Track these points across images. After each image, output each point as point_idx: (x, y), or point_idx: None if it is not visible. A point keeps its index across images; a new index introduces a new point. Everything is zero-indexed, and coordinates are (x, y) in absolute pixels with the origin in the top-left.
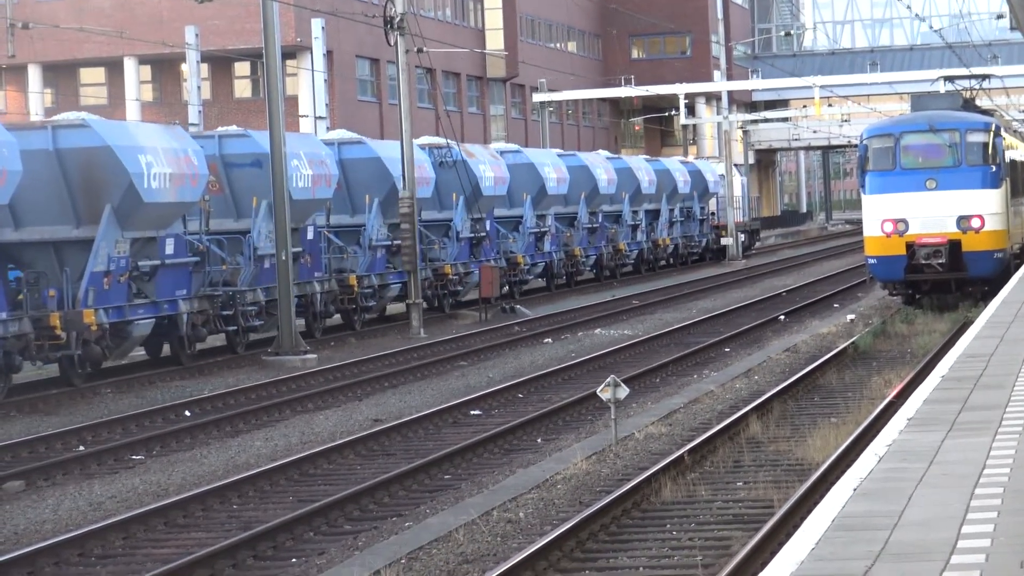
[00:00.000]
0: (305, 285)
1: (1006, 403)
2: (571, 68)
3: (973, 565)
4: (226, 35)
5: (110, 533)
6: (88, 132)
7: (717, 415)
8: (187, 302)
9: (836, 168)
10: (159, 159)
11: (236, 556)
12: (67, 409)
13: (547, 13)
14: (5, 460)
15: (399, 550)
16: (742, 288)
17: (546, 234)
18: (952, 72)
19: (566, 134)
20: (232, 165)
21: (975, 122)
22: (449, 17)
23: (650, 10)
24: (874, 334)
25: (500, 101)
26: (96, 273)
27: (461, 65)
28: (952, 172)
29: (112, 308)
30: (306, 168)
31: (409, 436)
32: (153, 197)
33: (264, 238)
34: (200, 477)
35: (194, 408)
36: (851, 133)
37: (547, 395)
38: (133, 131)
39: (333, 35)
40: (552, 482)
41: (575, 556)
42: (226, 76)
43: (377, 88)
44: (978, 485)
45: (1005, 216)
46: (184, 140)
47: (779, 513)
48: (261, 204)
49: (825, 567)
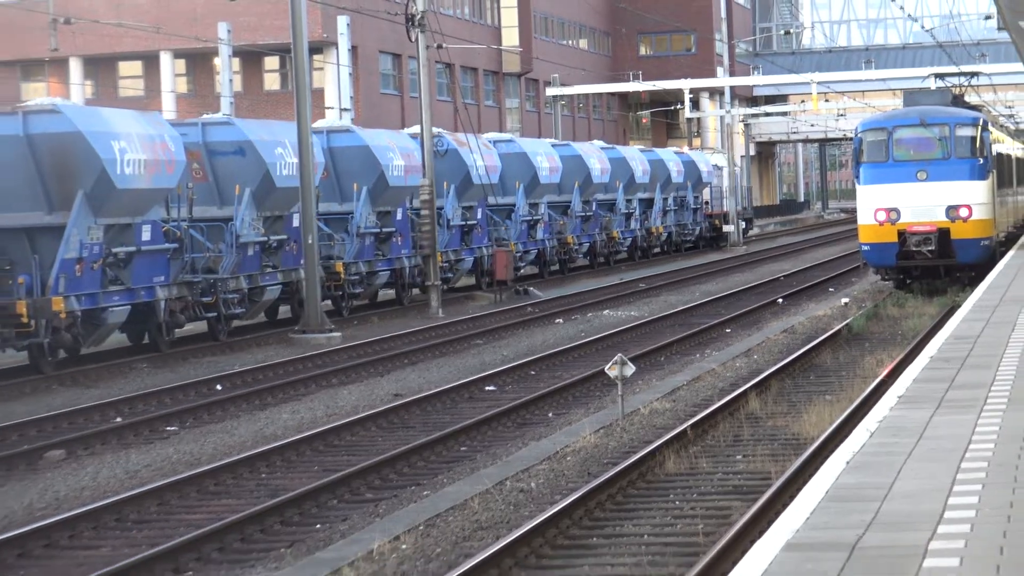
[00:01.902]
0: (291, 272)
1: (991, 382)
2: (582, 64)
3: (959, 535)
4: (256, 31)
5: (146, 500)
6: (59, 118)
7: (718, 392)
8: (165, 288)
9: (832, 160)
10: (133, 145)
11: (264, 522)
12: (105, 383)
13: (560, 11)
14: (47, 431)
15: (418, 517)
16: (742, 273)
17: (539, 222)
18: (942, 70)
19: (577, 126)
20: (216, 153)
21: (964, 117)
22: (467, 15)
23: (657, 9)
24: (867, 317)
25: (515, 95)
26: (67, 260)
27: (478, 60)
28: (942, 164)
29: (85, 295)
30: (291, 156)
31: (428, 410)
32: (127, 183)
33: (247, 225)
34: (230, 447)
35: (225, 382)
36: (847, 127)
37: (558, 372)
38: (106, 117)
39: (358, 31)
40: (562, 454)
41: (583, 524)
42: (256, 70)
43: (399, 82)
44: (964, 459)
45: (991, 206)
46: (160, 126)
47: (776, 484)
48: (244, 191)
49: (819, 535)
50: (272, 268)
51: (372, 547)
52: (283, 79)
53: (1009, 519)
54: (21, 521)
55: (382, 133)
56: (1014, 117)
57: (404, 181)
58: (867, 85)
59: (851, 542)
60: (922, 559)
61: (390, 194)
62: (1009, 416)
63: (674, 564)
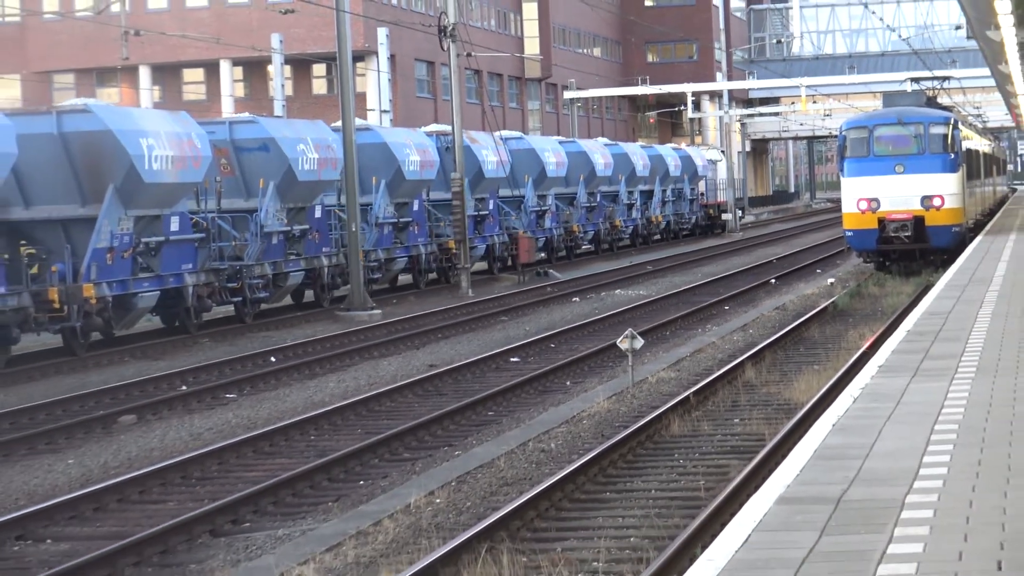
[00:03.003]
0: (313, 259)
1: (961, 353)
2: (596, 70)
3: (932, 489)
4: (306, 41)
5: (207, 459)
6: (90, 117)
7: (718, 363)
8: (193, 275)
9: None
10: (161, 142)
11: (313, 479)
12: (172, 356)
13: (576, 23)
14: (119, 398)
15: (450, 474)
16: (739, 256)
17: (546, 212)
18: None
19: (592, 126)
20: (242, 149)
21: (937, 116)
22: (493, 26)
23: (663, 21)
24: (850, 295)
25: (536, 98)
26: (99, 249)
27: (503, 67)
28: (917, 159)
29: (116, 282)
30: (312, 152)
31: (459, 379)
32: (154, 178)
33: (271, 216)
34: (283, 412)
35: (278, 355)
36: (832, 125)
37: (575, 345)
38: (135, 116)
39: (396, 41)
40: (579, 418)
41: (598, 480)
42: (305, 76)
43: (432, 86)
44: (937, 422)
45: (962, 196)
46: (187, 125)
47: (769, 445)
48: (268, 185)
49: (808, 490)
50: (296, 255)
51: (409, 501)
52: (329, 84)
53: (977, 475)
54: (97, 478)
55: (399, 131)
56: (981, 116)
57: (420, 175)
58: (850, 88)
59: (836, 496)
60: (900, 511)
61: (407, 187)
62: (977, 384)
63: (679, 516)
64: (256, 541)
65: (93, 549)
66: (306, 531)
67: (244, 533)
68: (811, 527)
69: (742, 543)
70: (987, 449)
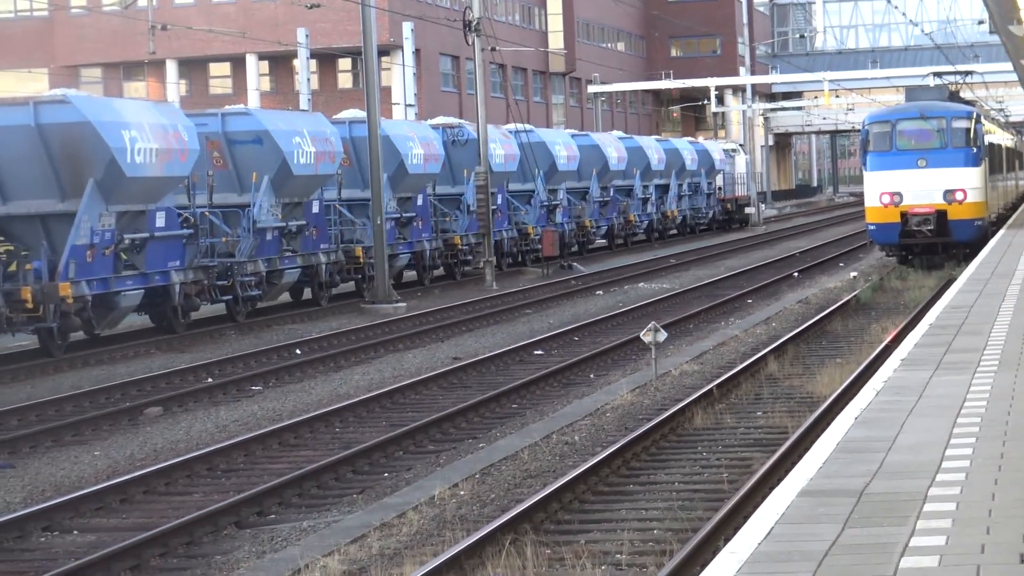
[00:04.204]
0: (310, 256)
1: (984, 346)
2: (620, 64)
3: (955, 482)
4: (331, 35)
5: (233, 451)
6: (69, 108)
7: (741, 356)
8: (180, 273)
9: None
10: (144, 135)
11: (338, 471)
12: (197, 347)
13: (600, 18)
14: (146, 390)
15: (474, 467)
16: (762, 249)
17: (557, 207)
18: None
19: (615, 120)
20: (235, 142)
21: (959, 111)
22: (518, 21)
23: (687, 16)
24: (873, 289)
25: (560, 92)
26: (78, 246)
27: (527, 61)
28: (939, 153)
29: (96, 280)
30: (308, 145)
31: (483, 372)
32: (137, 172)
33: (265, 211)
34: (308, 405)
35: (303, 347)
36: (855, 120)
37: (598, 338)
38: (117, 107)
39: (421, 36)
40: (602, 411)
41: (621, 472)
42: (331, 70)
43: (457, 81)
44: (959, 415)
45: (984, 190)
46: (174, 116)
47: (792, 438)
48: (262, 179)
49: (831, 483)
50: (292, 252)
51: (434, 493)
52: (355, 78)
53: (1000, 468)
54: (123, 470)
55: (401, 123)
56: (1004, 111)
57: (424, 169)
58: (873, 83)
59: (859, 489)
60: (922, 504)
61: (410, 181)
62: (1000, 377)
63: (702, 508)
64: (281, 533)
65: (119, 540)
66: (331, 523)
67: (269, 525)
68: (834, 520)
69: (765, 536)
70: (1009, 442)
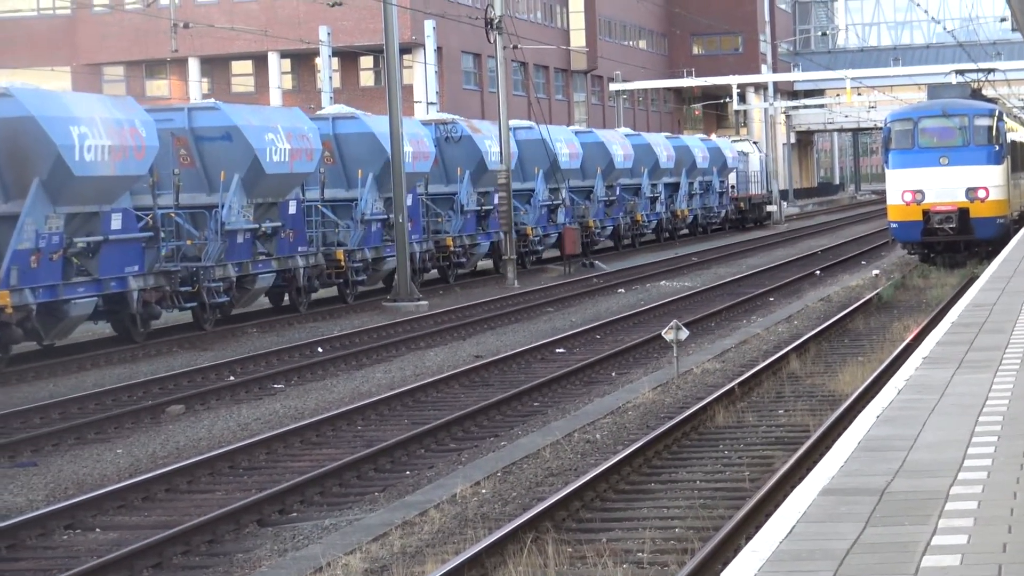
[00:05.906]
0: (287, 260)
1: (1006, 345)
2: (641, 62)
3: (976, 481)
4: (353, 33)
5: (255, 449)
6: (11, 102)
7: (763, 354)
8: (138, 279)
9: (864, 147)
10: (96, 130)
11: (359, 469)
12: (220, 346)
13: (622, 15)
14: (168, 388)
15: (495, 465)
16: (784, 248)
17: (559, 206)
18: (962, 66)
19: (637, 118)
20: (202, 138)
21: (981, 109)
22: (539, 19)
23: (708, 13)
24: (895, 287)
25: (582, 90)
26: (21, 251)
27: (549, 59)
28: (962, 150)
29: (42, 288)
30: (283, 142)
31: (504, 370)
32: (87, 170)
33: (236, 212)
34: (330, 403)
35: (325, 345)
36: (877, 117)
37: (620, 336)
38: (65, 101)
39: (442, 34)
40: (624, 409)
41: (643, 471)
42: (353, 68)
43: (479, 78)
44: (982, 414)
45: (1006, 188)
46: (130, 111)
47: (814, 436)
48: (232, 178)
49: (852, 481)
50: (266, 256)
51: (455, 491)
52: (377, 76)
53: (1022, 467)
54: (145, 468)
55: (387, 119)
56: None
57: (412, 167)
58: (895, 80)
59: (881, 487)
60: (944, 502)
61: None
62: (1022, 375)
63: (723, 507)
64: (303, 531)
65: (141, 538)
66: (353, 521)
67: (291, 523)
68: (855, 518)
69: (786, 534)
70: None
